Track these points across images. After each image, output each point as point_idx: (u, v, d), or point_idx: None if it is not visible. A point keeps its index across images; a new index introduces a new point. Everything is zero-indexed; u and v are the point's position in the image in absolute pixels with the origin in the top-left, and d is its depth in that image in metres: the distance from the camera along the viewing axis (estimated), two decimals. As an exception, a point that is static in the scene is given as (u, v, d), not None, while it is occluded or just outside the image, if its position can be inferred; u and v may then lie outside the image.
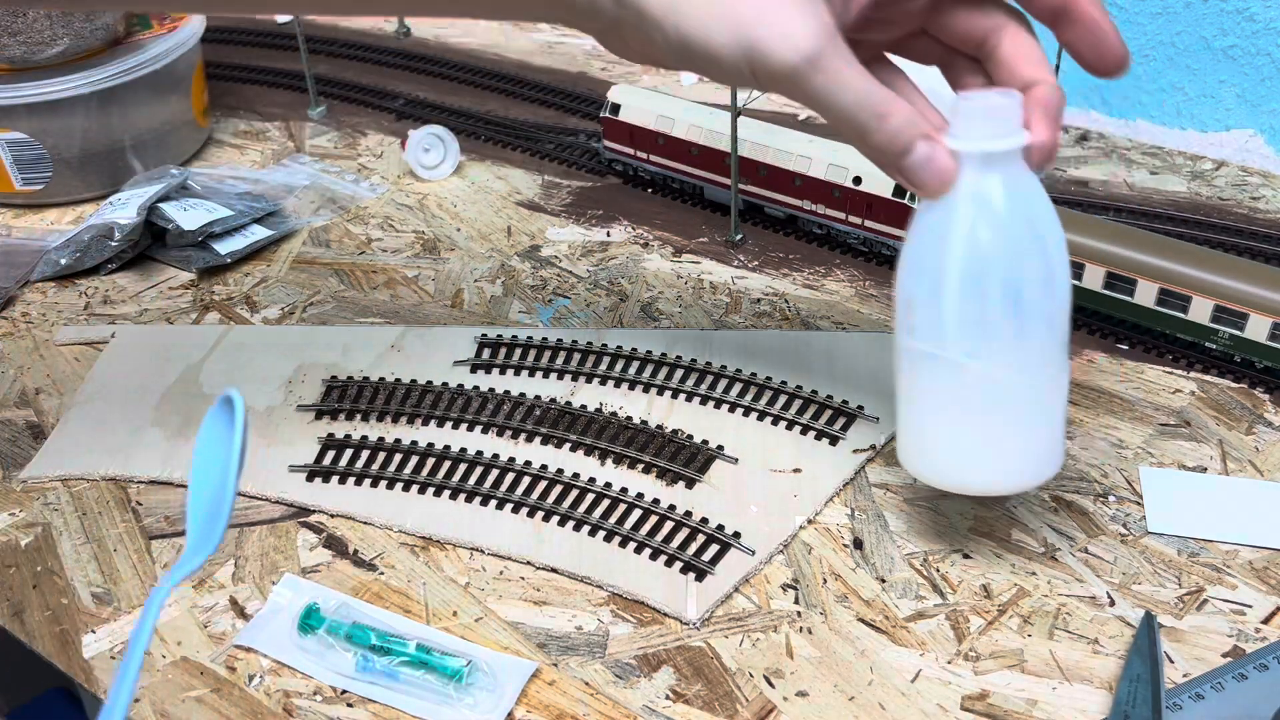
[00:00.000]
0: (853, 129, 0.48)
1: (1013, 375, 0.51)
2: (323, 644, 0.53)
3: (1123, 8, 0.91)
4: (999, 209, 0.49)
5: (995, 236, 0.49)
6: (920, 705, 0.50)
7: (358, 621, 0.53)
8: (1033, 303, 0.50)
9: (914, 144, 0.48)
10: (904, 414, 0.55)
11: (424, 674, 0.51)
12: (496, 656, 0.52)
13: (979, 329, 0.50)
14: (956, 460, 0.54)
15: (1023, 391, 0.52)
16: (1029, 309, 0.50)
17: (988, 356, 0.50)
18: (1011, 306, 0.50)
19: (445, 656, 0.51)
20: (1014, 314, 0.50)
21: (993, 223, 0.49)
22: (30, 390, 0.70)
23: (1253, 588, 0.56)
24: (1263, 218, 0.84)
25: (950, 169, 0.48)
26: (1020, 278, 0.50)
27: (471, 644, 0.53)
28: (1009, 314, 0.50)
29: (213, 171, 0.93)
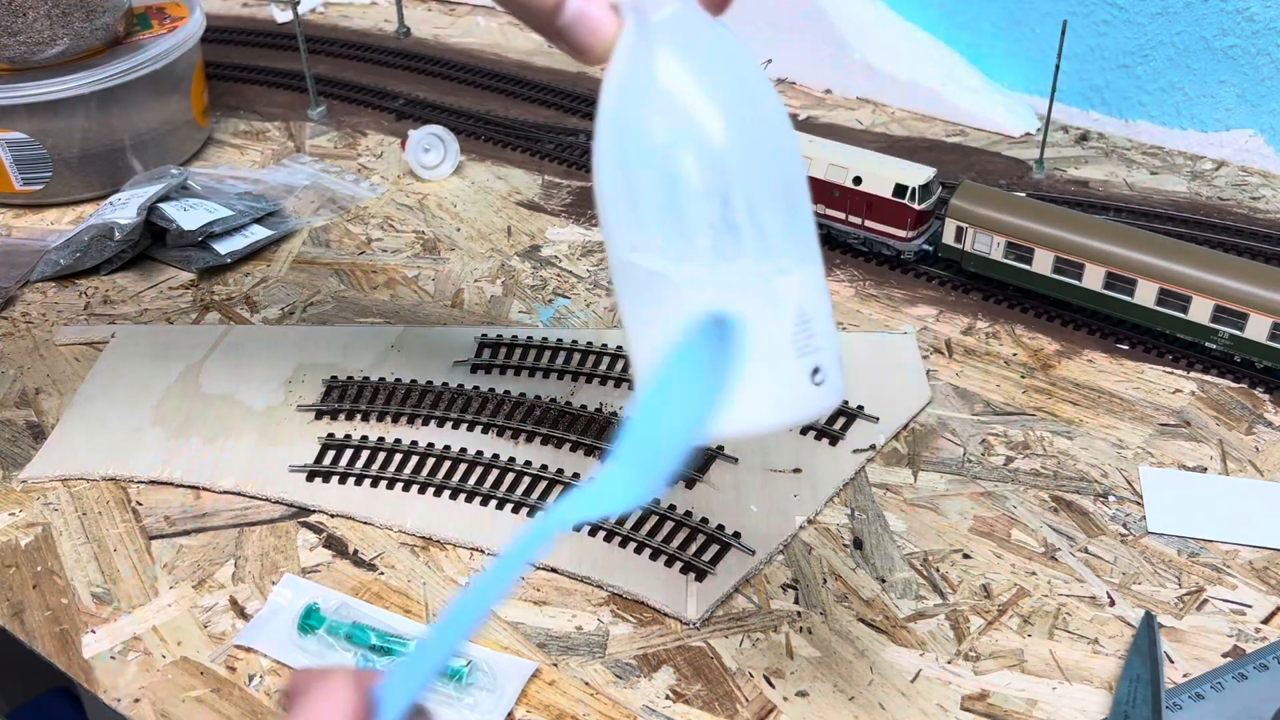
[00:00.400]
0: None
1: (774, 272, 0.41)
2: (323, 644, 0.53)
3: (1123, 8, 0.91)
4: (695, 66, 0.41)
5: (705, 100, 0.40)
6: (920, 705, 0.50)
7: (358, 621, 0.53)
8: (775, 177, 0.42)
9: (564, 1, 0.43)
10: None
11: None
12: (496, 656, 0.52)
13: (651, 230, 0.41)
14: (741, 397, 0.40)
15: (794, 289, 0.41)
16: (771, 184, 0.42)
17: (751, 254, 0.41)
18: (756, 181, 0.41)
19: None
20: (763, 189, 0.41)
21: (695, 83, 0.41)
22: (30, 390, 0.70)
23: (1253, 588, 0.56)
24: (1263, 218, 0.84)
25: (606, 22, 0.43)
26: (751, 145, 0.41)
27: (472, 644, 0.53)
28: (760, 192, 0.41)
29: (213, 171, 0.93)
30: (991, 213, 0.74)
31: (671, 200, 0.40)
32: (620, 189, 0.41)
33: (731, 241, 0.40)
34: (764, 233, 0.41)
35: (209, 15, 1.02)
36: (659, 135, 0.41)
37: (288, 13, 1.19)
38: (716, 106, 0.41)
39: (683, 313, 0.39)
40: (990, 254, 0.75)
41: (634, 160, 0.41)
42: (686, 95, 0.41)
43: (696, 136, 0.40)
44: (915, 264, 0.79)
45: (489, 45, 1.14)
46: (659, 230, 0.41)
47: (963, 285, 0.77)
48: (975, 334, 0.73)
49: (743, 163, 0.41)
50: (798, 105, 1.01)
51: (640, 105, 0.41)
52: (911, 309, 0.76)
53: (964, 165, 0.91)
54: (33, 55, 0.85)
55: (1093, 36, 0.93)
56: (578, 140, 0.96)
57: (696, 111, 0.41)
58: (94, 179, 0.88)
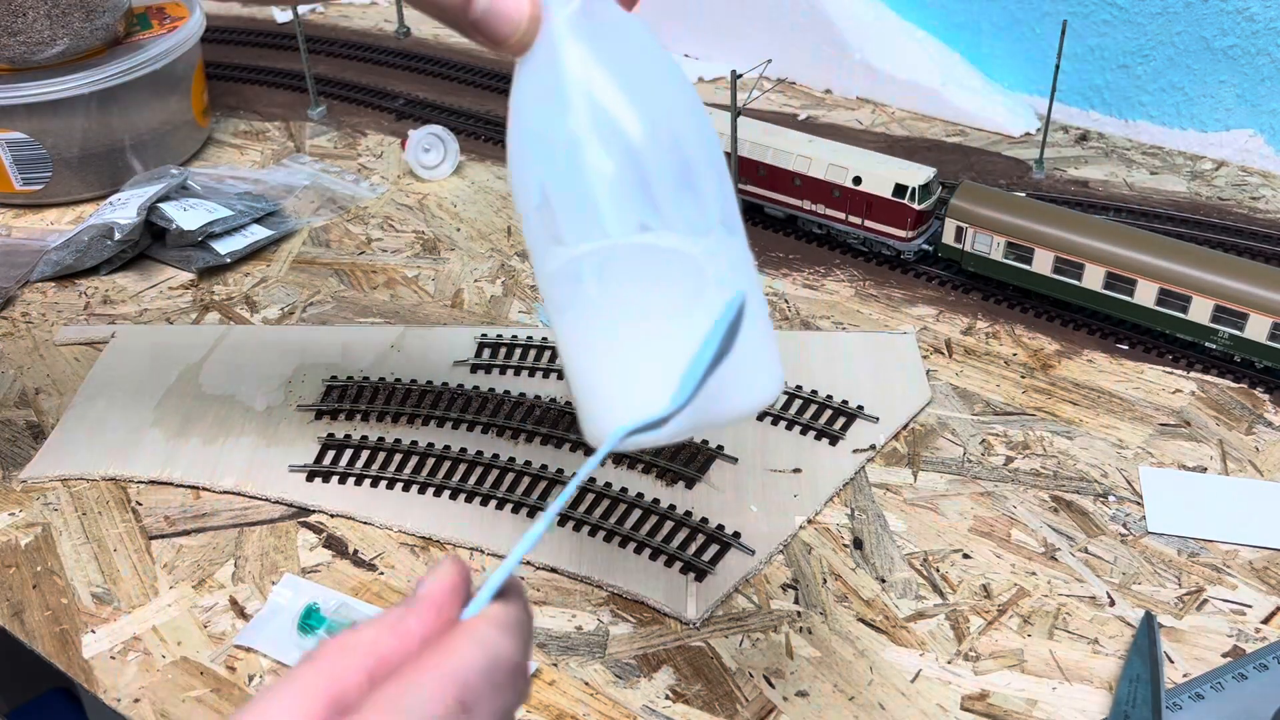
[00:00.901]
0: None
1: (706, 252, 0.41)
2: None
3: (1123, 8, 0.91)
4: (607, 49, 0.41)
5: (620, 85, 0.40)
6: (920, 705, 0.50)
7: (357, 622, 0.53)
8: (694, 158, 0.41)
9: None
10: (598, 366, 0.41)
11: None
12: None
13: (633, 207, 0.40)
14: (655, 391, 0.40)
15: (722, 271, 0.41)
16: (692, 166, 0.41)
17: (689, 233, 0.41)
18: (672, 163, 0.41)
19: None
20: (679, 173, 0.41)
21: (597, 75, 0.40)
22: (30, 390, 0.70)
23: (1253, 588, 0.56)
24: (1263, 218, 0.84)
25: (520, 11, 0.41)
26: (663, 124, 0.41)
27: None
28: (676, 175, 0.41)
29: (213, 171, 0.93)
30: (991, 213, 0.74)
31: (685, 176, 0.41)
32: (625, 172, 0.40)
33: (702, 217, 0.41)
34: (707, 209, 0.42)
35: (209, 15, 1.02)
36: (669, 111, 0.41)
37: (288, 13, 1.19)
38: (670, 73, 0.42)
39: (702, 288, 0.40)
40: (990, 254, 0.75)
41: (647, 143, 0.40)
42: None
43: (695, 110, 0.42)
44: (915, 264, 0.79)
45: (489, 45, 1.14)
46: (677, 207, 0.40)
47: (963, 285, 0.77)
48: (975, 334, 0.73)
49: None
50: (798, 105, 1.01)
51: (607, 80, 0.40)
52: (911, 309, 0.76)
53: (964, 165, 0.91)
54: (32, 55, 0.85)
55: (1093, 36, 0.93)
56: (578, 140, 0.96)
57: (666, 78, 0.42)
58: (94, 179, 0.88)
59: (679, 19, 1.07)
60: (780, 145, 0.81)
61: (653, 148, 0.40)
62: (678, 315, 0.40)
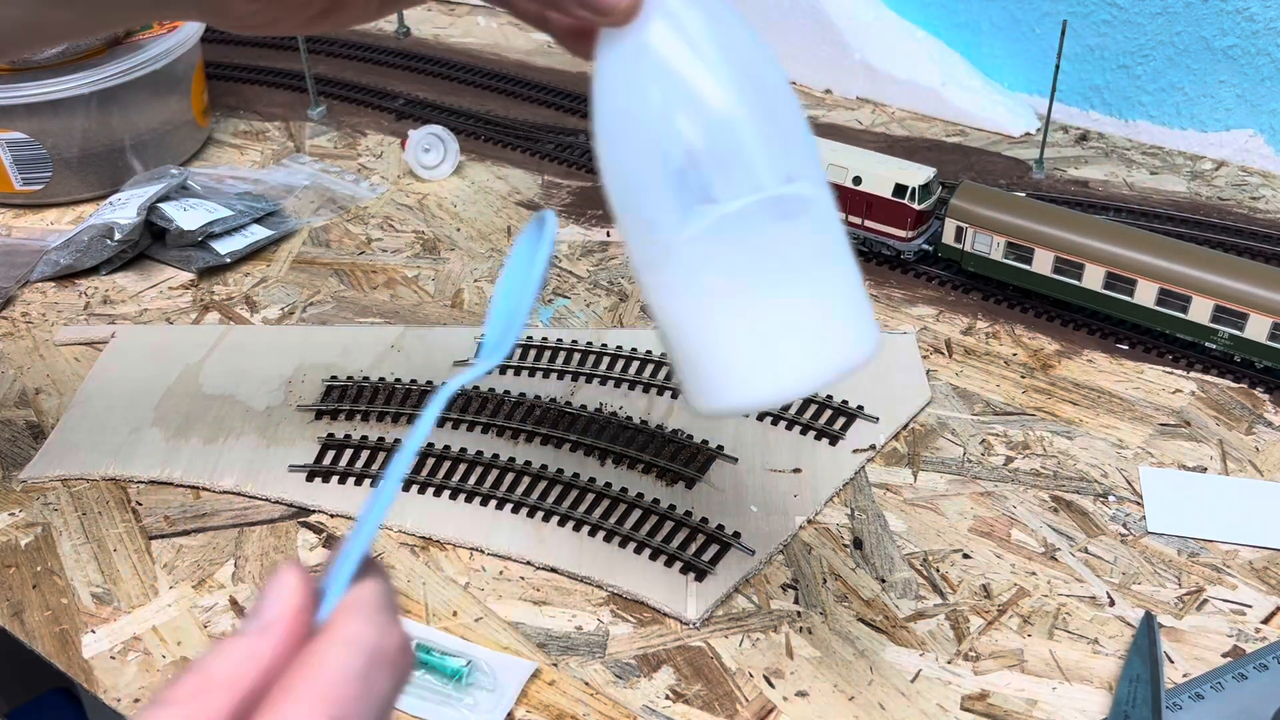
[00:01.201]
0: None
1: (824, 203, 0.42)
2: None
3: (1123, 8, 0.91)
4: (704, 18, 0.41)
5: (718, 50, 0.41)
6: (920, 705, 0.50)
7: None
8: (781, 113, 0.42)
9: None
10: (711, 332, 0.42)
11: (424, 674, 0.51)
12: (496, 656, 0.52)
13: (781, 155, 0.41)
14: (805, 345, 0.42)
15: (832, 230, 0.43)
16: (790, 118, 0.42)
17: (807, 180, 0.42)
18: (771, 118, 0.42)
19: (445, 656, 0.51)
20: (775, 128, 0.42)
21: (710, 35, 0.41)
22: (30, 390, 0.70)
23: (1253, 588, 0.56)
24: (1263, 218, 0.84)
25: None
26: (759, 83, 0.42)
27: (471, 644, 0.53)
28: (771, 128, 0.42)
29: (213, 171, 0.93)
30: (991, 213, 0.74)
31: (802, 125, 0.42)
32: (767, 124, 0.41)
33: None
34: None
35: (209, 15, 1.02)
36: (770, 60, 0.42)
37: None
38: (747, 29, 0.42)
39: (840, 236, 0.42)
40: (990, 254, 0.75)
41: (779, 93, 0.42)
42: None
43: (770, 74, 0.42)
44: (915, 264, 0.79)
45: (489, 45, 1.14)
46: (804, 156, 0.42)
47: (963, 285, 0.77)
48: (975, 334, 0.73)
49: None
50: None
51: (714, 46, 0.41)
52: (911, 309, 0.76)
53: (964, 165, 0.91)
54: (32, 55, 0.85)
55: (1092, 36, 0.93)
56: (577, 140, 0.96)
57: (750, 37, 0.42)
58: (94, 179, 0.88)
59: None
60: (780, 145, 0.81)
61: (784, 97, 0.42)
62: (822, 265, 0.42)
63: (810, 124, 0.43)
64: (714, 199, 0.40)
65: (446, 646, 0.52)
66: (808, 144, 0.43)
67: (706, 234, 0.40)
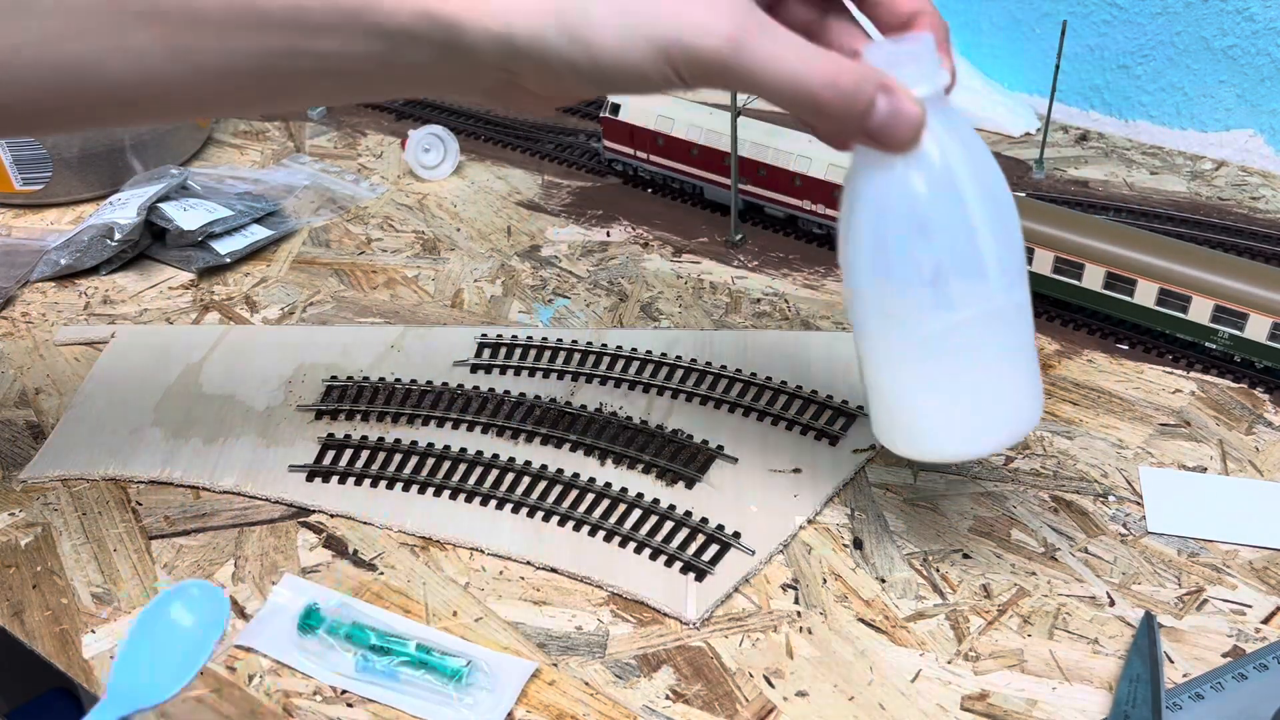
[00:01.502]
0: (802, 104, 0.44)
1: (1014, 310, 0.49)
2: (323, 644, 0.53)
3: (1123, 8, 0.91)
4: (960, 142, 0.47)
5: (971, 167, 0.47)
6: (920, 705, 0.50)
7: (357, 622, 0.53)
8: (1010, 229, 0.49)
9: (874, 100, 0.44)
10: (922, 397, 0.51)
11: (424, 674, 0.51)
12: (496, 656, 0.52)
13: (1008, 269, 0.48)
14: (986, 422, 0.51)
15: (1020, 327, 0.50)
16: (1014, 231, 0.49)
17: (1006, 293, 0.49)
18: (1004, 235, 0.48)
19: (445, 656, 0.51)
20: (1006, 245, 0.48)
21: (967, 156, 0.47)
22: (30, 390, 0.70)
23: (1253, 588, 0.56)
24: (1263, 218, 0.84)
25: (919, 113, 0.45)
26: (997, 203, 0.48)
27: (471, 644, 0.53)
28: (1003, 245, 0.48)
29: (213, 171, 0.93)
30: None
31: (1020, 240, 0.50)
32: (1005, 244, 0.48)
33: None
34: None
35: (209, 15, 1.02)
36: (999, 175, 0.49)
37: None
38: (989, 158, 0.49)
39: (1030, 323, 0.51)
40: (990, 254, 0.74)
41: (1010, 213, 0.49)
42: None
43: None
44: (915, 264, 0.79)
45: (489, 45, 1.14)
46: (1022, 264, 0.50)
47: (963, 285, 0.77)
48: (975, 334, 0.73)
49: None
50: (798, 105, 1.01)
51: (967, 170, 0.47)
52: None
53: (964, 165, 0.91)
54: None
55: (1092, 36, 0.93)
56: (577, 140, 0.96)
57: (990, 165, 0.49)
58: (94, 179, 0.89)
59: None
60: (780, 145, 0.81)
61: (1011, 213, 0.49)
62: (1016, 354, 0.50)
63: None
64: (952, 306, 0.48)
65: (446, 646, 0.52)
66: (1022, 251, 0.50)
67: (939, 331, 0.48)
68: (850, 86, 0.43)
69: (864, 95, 0.44)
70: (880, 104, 0.44)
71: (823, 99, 0.43)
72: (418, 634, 0.53)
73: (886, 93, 0.44)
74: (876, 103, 0.44)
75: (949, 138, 0.46)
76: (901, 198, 0.47)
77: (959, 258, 0.47)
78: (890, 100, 0.44)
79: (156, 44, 0.45)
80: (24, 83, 0.45)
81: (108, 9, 0.43)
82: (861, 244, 0.48)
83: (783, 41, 0.43)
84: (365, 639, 0.52)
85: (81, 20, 0.44)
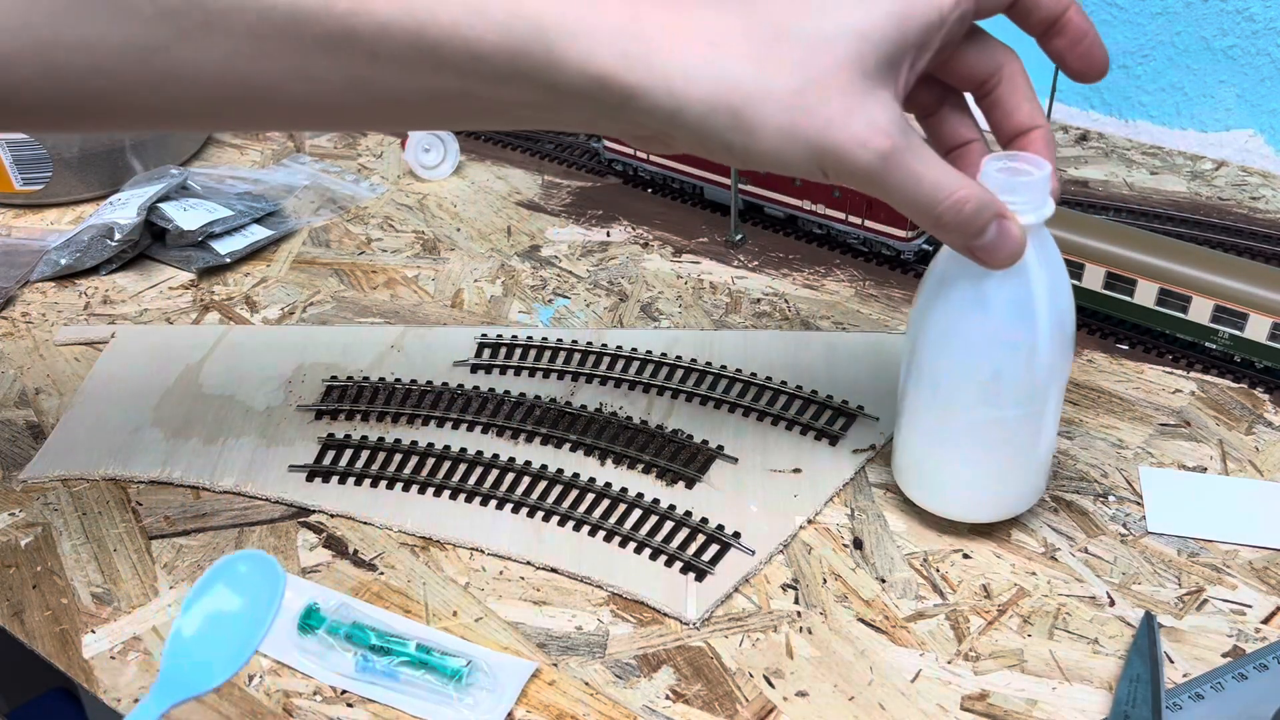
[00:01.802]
0: (927, 216, 0.47)
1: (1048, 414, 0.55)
2: (322, 644, 0.53)
3: (1123, 8, 0.91)
4: (1047, 267, 0.51)
5: (1049, 291, 0.52)
6: (920, 705, 0.50)
7: (357, 621, 0.53)
8: (1066, 352, 0.54)
9: (989, 225, 0.48)
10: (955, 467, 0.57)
11: (424, 674, 0.51)
12: (496, 656, 0.52)
13: (1057, 383, 0.54)
14: (999, 495, 0.57)
15: (1048, 427, 0.56)
16: (1069, 345, 0.54)
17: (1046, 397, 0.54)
18: (1060, 358, 0.53)
19: (445, 656, 0.51)
20: (1061, 365, 0.54)
21: (1049, 280, 0.52)
22: (30, 390, 0.70)
23: (1253, 588, 0.56)
24: (1263, 218, 0.84)
25: (1022, 242, 0.49)
26: (1063, 330, 0.53)
27: (471, 644, 0.53)
28: (1058, 365, 0.53)
29: (213, 171, 0.93)
30: (991, 213, 0.74)
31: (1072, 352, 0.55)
32: (1060, 359, 0.53)
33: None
34: None
35: (209, 15, 1.02)
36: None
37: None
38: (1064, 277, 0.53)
39: (1055, 418, 0.56)
40: (990, 254, 0.74)
41: (1069, 332, 0.53)
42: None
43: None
44: (915, 264, 0.79)
45: (489, 45, 1.14)
46: (1066, 374, 0.55)
47: (963, 285, 0.77)
48: (975, 334, 0.73)
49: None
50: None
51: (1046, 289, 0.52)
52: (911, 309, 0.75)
53: (964, 165, 0.91)
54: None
55: (1093, 36, 0.93)
56: (577, 140, 0.96)
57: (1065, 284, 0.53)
58: (94, 179, 0.89)
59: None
60: (780, 145, 0.81)
61: (1071, 330, 0.53)
62: (1034, 443, 0.55)
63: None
64: (999, 405, 0.53)
65: (446, 646, 0.52)
66: (1069, 367, 0.54)
67: (979, 420, 0.53)
68: (971, 212, 0.47)
69: (982, 221, 0.47)
70: (991, 229, 0.48)
71: (945, 220, 0.47)
72: (418, 634, 0.53)
73: (1001, 219, 0.48)
74: (990, 227, 0.48)
75: (1038, 265, 0.51)
76: (979, 304, 0.51)
77: (1016, 369, 0.52)
78: (1003, 226, 0.48)
79: (335, 73, 0.46)
80: (204, 97, 0.47)
81: (293, 34, 0.44)
82: (932, 320, 0.53)
83: (926, 161, 0.46)
84: (365, 639, 0.52)
85: (267, 44, 0.45)
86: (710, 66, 0.44)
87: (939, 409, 0.55)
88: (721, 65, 0.44)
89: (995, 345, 0.52)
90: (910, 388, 0.55)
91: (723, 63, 0.44)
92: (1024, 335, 0.51)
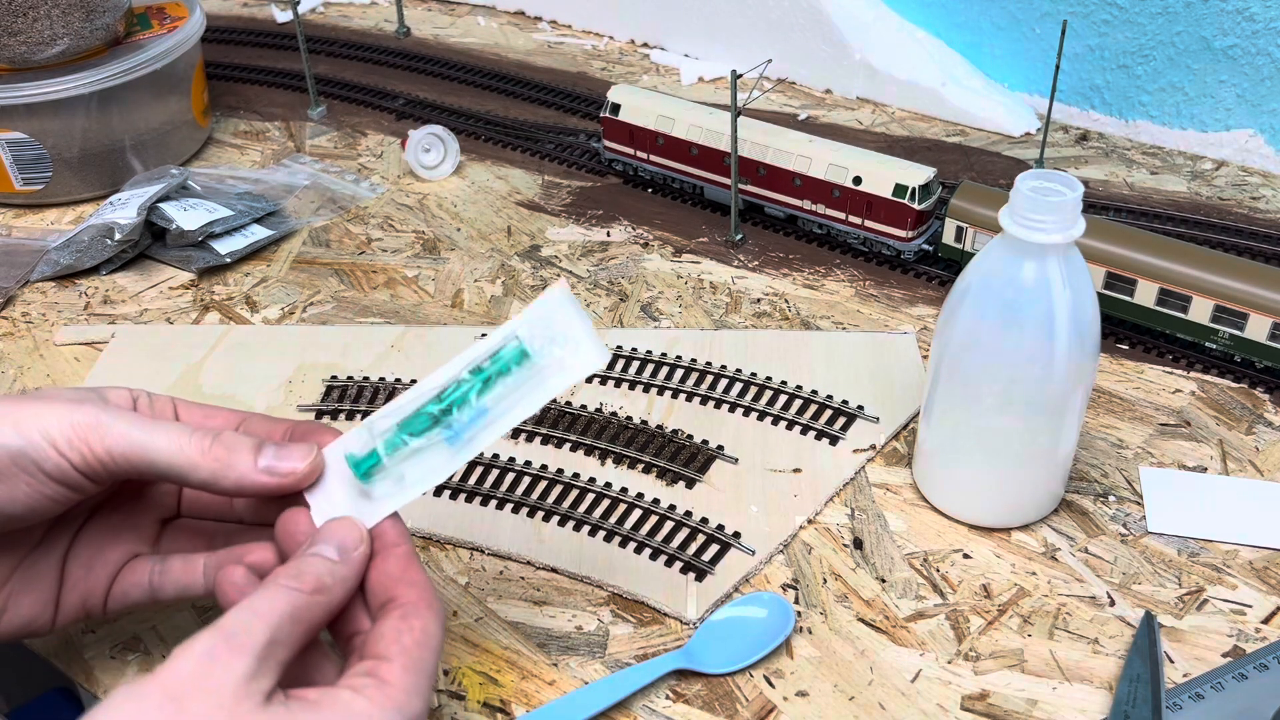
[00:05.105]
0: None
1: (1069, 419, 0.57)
2: (395, 464, 0.46)
3: (1123, 8, 0.91)
4: (1072, 286, 0.53)
5: (1071, 309, 0.53)
6: (920, 705, 0.50)
7: (401, 420, 0.46)
8: (1088, 379, 0.56)
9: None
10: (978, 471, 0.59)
11: (502, 384, 0.45)
12: (524, 313, 0.46)
13: (1076, 405, 0.56)
14: (1020, 502, 0.59)
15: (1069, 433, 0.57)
16: (1086, 383, 0.56)
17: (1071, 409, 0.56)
18: (1080, 361, 0.54)
19: (496, 358, 0.46)
20: (1080, 388, 0.55)
21: (1072, 299, 0.53)
22: (30, 390, 0.70)
23: (1253, 588, 0.56)
24: (1263, 218, 0.84)
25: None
26: (1085, 332, 0.54)
27: (487, 325, 0.52)
28: (1077, 389, 0.55)
29: (213, 171, 0.93)
30: (991, 213, 0.74)
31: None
32: (1076, 382, 0.55)
33: None
34: None
35: (209, 15, 1.02)
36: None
37: (288, 12, 1.19)
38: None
39: (1074, 433, 0.58)
40: (990, 254, 0.75)
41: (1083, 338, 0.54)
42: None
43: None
44: (915, 264, 0.79)
45: (489, 45, 1.14)
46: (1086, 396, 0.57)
47: (963, 285, 0.77)
48: (975, 334, 0.73)
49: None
50: (798, 105, 1.01)
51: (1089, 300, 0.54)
52: (911, 309, 0.76)
53: (964, 165, 0.91)
54: (33, 55, 0.85)
55: (1092, 36, 0.93)
56: (577, 140, 0.96)
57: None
58: (94, 179, 0.89)
59: (679, 19, 1.07)
60: (780, 145, 0.81)
61: (1094, 369, 0.55)
62: (1048, 453, 0.57)
63: (813, 124, 0.48)
64: (1010, 415, 0.55)
65: (478, 359, 0.46)
66: (1090, 388, 0.56)
67: (988, 427, 0.56)
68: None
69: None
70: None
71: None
72: (437, 379, 0.46)
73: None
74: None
75: (1062, 283, 0.52)
76: (1003, 318, 0.53)
77: (1030, 388, 0.54)
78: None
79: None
80: None
81: None
82: (960, 325, 0.55)
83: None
84: (424, 422, 0.46)
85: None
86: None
87: (957, 409, 0.56)
88: None
89: (1016, 358, 0.53)
90: (937, 385, 0.57)
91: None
92: (1043, 350, 0.53)
